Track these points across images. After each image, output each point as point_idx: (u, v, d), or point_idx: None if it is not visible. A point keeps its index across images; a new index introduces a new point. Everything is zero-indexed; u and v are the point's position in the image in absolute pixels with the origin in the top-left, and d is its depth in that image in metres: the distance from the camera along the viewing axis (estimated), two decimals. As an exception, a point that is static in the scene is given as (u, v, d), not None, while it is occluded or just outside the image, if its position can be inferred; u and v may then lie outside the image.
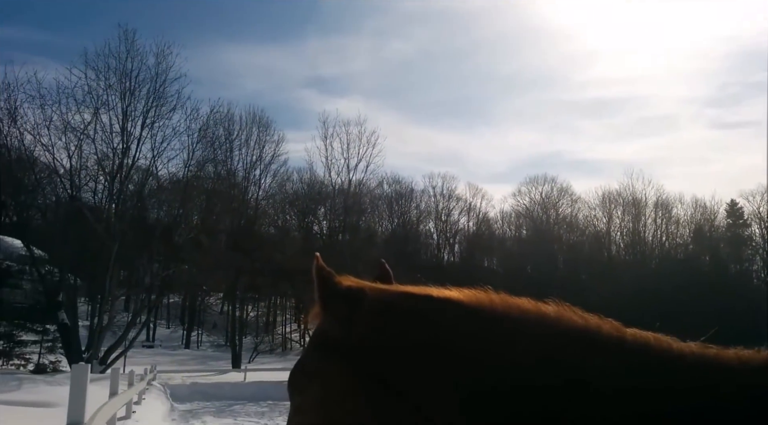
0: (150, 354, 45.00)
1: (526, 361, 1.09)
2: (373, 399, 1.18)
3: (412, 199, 71.95)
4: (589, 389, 1.03)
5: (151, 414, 13.41)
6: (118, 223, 30.53)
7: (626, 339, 1.09)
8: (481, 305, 1.20)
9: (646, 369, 1.04)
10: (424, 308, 1.23)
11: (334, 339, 1.27)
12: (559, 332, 1.12)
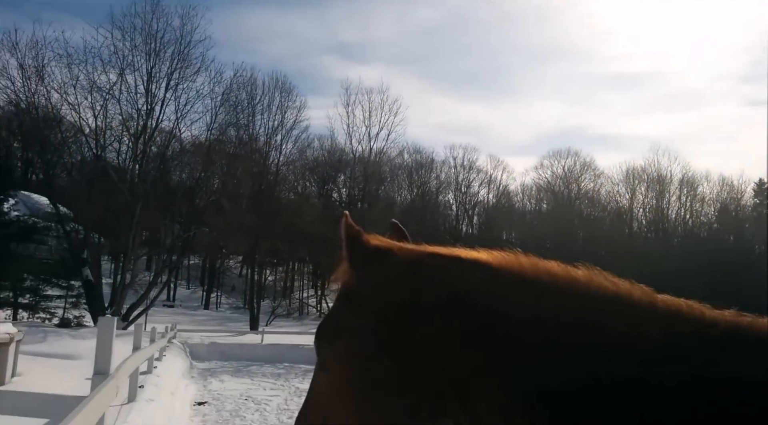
0: (170, 313, 46.08)
1: (553, 324, 1.07)
2: (399, 355, 1.19)
3: (433, 169, 71.63)
4: (619, 354, 1.00)
5: (172, 370, 13.81)
6: (142, 184, 30.98)
7: (658, 305, 1.06)
8: (510, 267, 1.18)
9: (679, 335, 1.00)
10: (452, 268, 1.22)
11: (362, 296, 1.27)
12: (589, 296, 1.09)
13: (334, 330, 1.31)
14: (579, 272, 1.15)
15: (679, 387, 0.95)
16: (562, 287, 1.12)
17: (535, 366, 1.05)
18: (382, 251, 1.30)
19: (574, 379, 1.01)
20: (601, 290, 1.10)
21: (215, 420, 9.33)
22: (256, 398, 12.18)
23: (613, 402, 0.97)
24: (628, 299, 1.08)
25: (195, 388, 13.37)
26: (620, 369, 0.99)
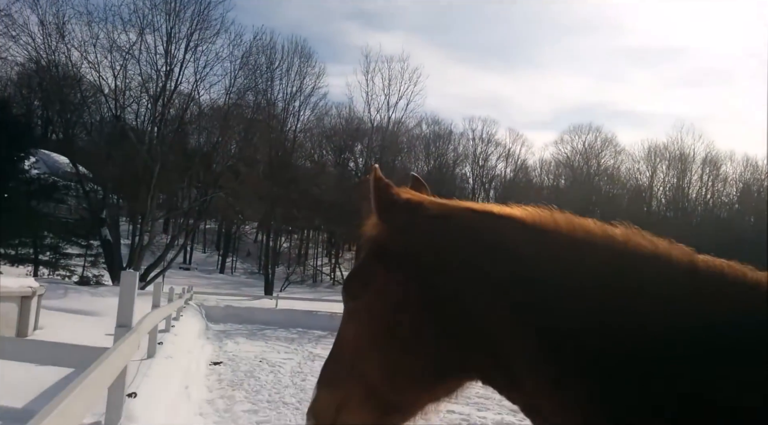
0: (186, 276, 46.84)
1: (587, 279, 1.05)
2: (426, 306, 1.19)
3: (450, 141, 71.05)
4: (656, 312, 0.98)
5: (188, 330, 14.10)
6: (160, 146, 31.15)
7: (698, 265, 1.04)
8: (544, 222, 1.17)
9: (719, 295, 0.98)
10: (484, 223, 1.21)
11: (391, 249, 1.27)
12: (626, 253, 1.07)
13: (363, 282, 1.31)
14: (616, 231, 1.13)
15: (724, 346, 0.93)
16: (597, 243, 1.10)
17: (566, 319, 1.04)
18: (412, 204, 1.29)
19: (606, 335, 1.00)
20: (638, 249, 1.07)
21: (230, 380, 9.55)
22: (271, 360, 12.42)
23: (647, 359, 0.96)
24: (666, 257, 1.05)
25: (211, 348, 13.65)
26: (657, 327, 0.97)
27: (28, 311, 9.97)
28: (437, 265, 1.19)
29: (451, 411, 8.08)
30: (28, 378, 5.65)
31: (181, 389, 7.36)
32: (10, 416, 4.22)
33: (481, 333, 1.13)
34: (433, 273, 1.19)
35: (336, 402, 1.33)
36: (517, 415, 8.38)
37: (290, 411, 7.44)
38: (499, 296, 1.11)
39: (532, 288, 1.08)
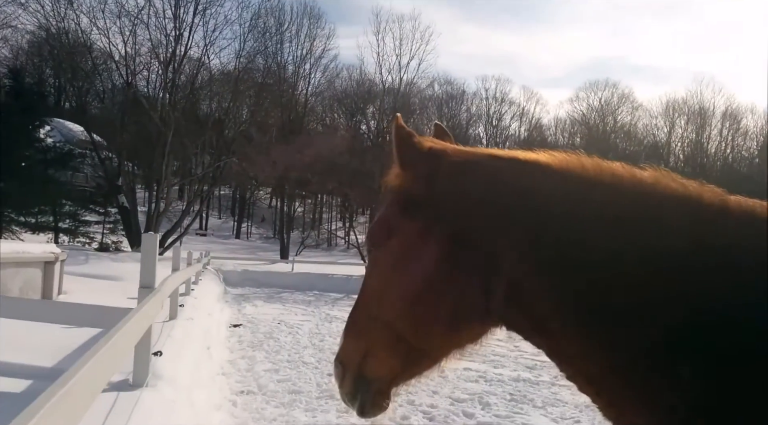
0: (203, 242, 47.46)
1: (614, 222, 1.04)
2: (450, 253, 1.19)
3: (463, 101, 70.11)
4: (686, 253, 0.97)
5: (208, 293, 14.35)
6: (172, 112, 31.16)
7: (729, 206, 1.02)
8: (571, 167, 1.15)
9: (753, 235, 0.96)
10: (509, 168, 1.20)
11: (414, 197, 1.27)
12: (655, 196, 1.05)
13: (386, 231, 1.32)
14: (645, 174, 1.11)
15: (759, 286, 0.91)
16: (626, 187, 1.09)
17: (593, 261, 1.03)
18: (435, 153, 1.28)
19: (635, 278, 0.99)
20: (668, 191, 1.06)
21: (250, 341, 9.76)
22: (289, 322, 12.65)
23: (678, 301, 0.95)
24: (696, 198, 1.04)
25: (230, 312, 13.92)
26: (687, 269, 0.96)
27: (51, 276, 10.20)
28: (461, 212, 1.19)
29: (468, 368, 8.21)
30: (56, 338, 5.83)
31: (203, 349, 7.54)
32: (41, 375, 4.37)
33: (506, 278, 1.13)
34: (457, 220, 1.20)
35: (362, 349, 1.36)
36: (533, 371, 8.50)
37: (310, 371, 7.62)
38: (524, 240, 1.11)
39: (559, 232, 1.08)
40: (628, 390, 0.99)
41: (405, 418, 5.65)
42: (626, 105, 72.81)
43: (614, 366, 1.00)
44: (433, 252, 1.22)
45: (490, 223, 1.16)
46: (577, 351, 1.06)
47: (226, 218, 69.72)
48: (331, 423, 5.38)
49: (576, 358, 1.08)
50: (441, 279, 1.21)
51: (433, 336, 1.27)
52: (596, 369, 1.04)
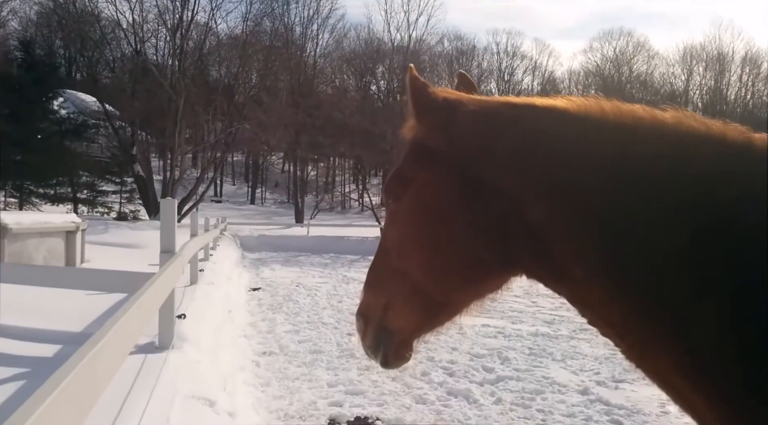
0: (218, 208, 47.90)
1: (636, 165, 1.02)
2: (469, 201, 1.18)
3: (474, 57, 68.72)
4: (711, 193, 0.95)
5: (226, 258, 14.57)
6: (182, 79, 31.02)
7: (754, 142, 0.99)
8: (590, 111, 1.12)
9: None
10: (526, 115, 1.18)
11: (431, 148, 1.26)
12: (677, 136, 1.03)
13: (403, 183, 1.31)
14: (666, 115, 1.08)
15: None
16: (647, 128, 1.06)
17: (616, 205, 1.01)
18: (451, 103, 1.26)
19: (660, 218, 0.97)
20: (690, 130, 1.03)
21: (270, 304, 9.93)
22: (306, 284, 12.83)
23: (705, 238, 0.93)
24: (720, 137, 1.00)
25: (248, 276, 14.14)
26: (712, 207, 0.94)
27: (73, 245, 10.39)
28: (479, 161, 1.18)
29: (486, 325, 8.30)
30: (82, 305, 5.98)
31: (225, 313, 7.69)
32: (70, 339, 4.50)
33: (526, 226, 1.12)
34: (475, 170, 1.18)
35: (383, 302, 1.37)
36: (551, 326, 8.59)
37: (329, 331, 7.75)
38: (544, 186, 1.09)
39: (580, 176, 1.06)
40: (650, 332, 0.99)
41: (425, 374, 5.76)
42: (642, 54, 70.95)
43: (636, 309, 1.00)
44: (451, 203, 1.21)
45: (508, 170, 1.14)
46: (599, 296, 1.06)
47: (240, 185, 70.06)
48: (352, 380, 5.50)
49: (598, 303, 1.07)
50: (460, 230, 1.20)
51: (454, 286, 1.27)
52: (618, 313, 1.03)
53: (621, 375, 5.98)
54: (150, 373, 3.57)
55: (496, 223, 1.15)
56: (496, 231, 1.16)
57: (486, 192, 1.16)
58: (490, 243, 1.18)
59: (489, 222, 1.16)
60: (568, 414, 4.77)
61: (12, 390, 3.16)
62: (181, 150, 32.13)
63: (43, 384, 1.28)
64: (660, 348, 0.98)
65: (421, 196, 1.26)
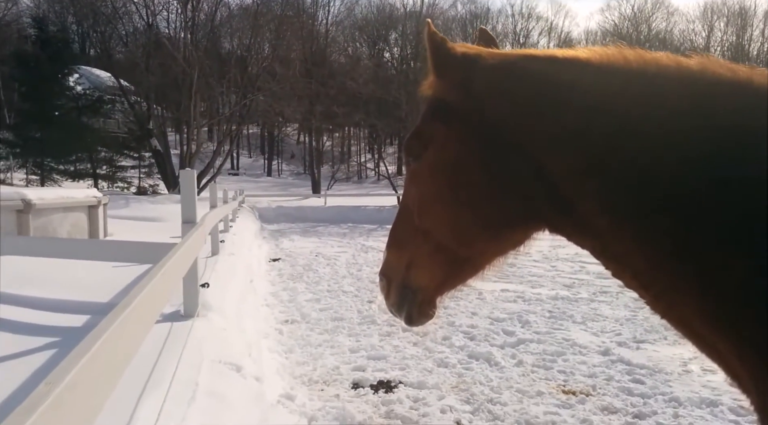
0: (236, 181, 48.19)
1: (661, 114, 1.00)
2: (489, 159, 1.17)
3: (488, 20, 67.30)
4: (737, 140, 0.92)
5: (245, 230, 14.71)
6: (195, 51, 30.89)
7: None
8: (612, 61, 1.09)
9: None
10: (547, 68, 1.15)
11: (451, 105, 1.24)
12: (702, 83, 1.00)
13: (423, 141, 1.30)
14: (691, 62, 1.04)
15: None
16: (672, 75, 1.03)
17: (642, 157, 1.00)
18: (469, 58, 1.24)
19: (684, 167, 0.95)
20: (716, 76, 1.00)
21: (290, 274, 10.04)
22: (326, 254, 12.94)
23: (732, 186, 0.91)
24: (746, 83, 0.98)
25: (268, 247, 14.29)
26: (737, 153, 0.92)
27: (96, 219, 10.57)
28: (499, 116, 1.16)
29: (506, 289, 8.32)
30: (108, 277, 6.11)
31: (247, 282, 7.80)
32: (98, 309, 4.61)
33: (548, 180, 1.11)
34: (495, 125, 1.16)
35: (405, 261, 1.38)
36: (571, 289, 8.58)
37: (350, 299, 7.83)
38: (568, 139, 1.07)
39: (604, 127, 1.04)
40: (676, 280, 0.98)
41: (446, 338, 5.81)
42: (661, 11, 68.88)
43: (662, 258, 0.99)
44: (472, 159, 1.20)
45: (529, 124, 1.12)
46: (624, 247, 1.05)
47: (256, 157, 70.33)
48: (374, 346, 5.57)
49: (623, 254, 1.07)
50: (481, 186, 1.19)
51: (476, 243, 1.27)
52: (644, 263, 1.03)
53: (642, 335, 5.98)
54: (177, 340, 3.65)
55: (518, 178, 1.14)
56: (518, 186, 1.15)
57: (507, 147, 1.15)
58: (512, 199, 1.17)
59: (511, 177, 1.15)
60: (590, 375, 4.80)
61: (45, 358, 3.27)
62: (196, 123, 32.21)
63: (78, 345, 1.31)
64: (686, 295, 0.98)
65: (441, 153, 1.25)
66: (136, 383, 2.78)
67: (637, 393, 4.38)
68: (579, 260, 11.65)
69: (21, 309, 4.57)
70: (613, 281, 8.09)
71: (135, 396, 2.61)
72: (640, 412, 4.04)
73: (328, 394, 4.37)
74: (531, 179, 1.13)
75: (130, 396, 2.60)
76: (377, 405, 4.17)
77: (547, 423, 3.87)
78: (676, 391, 4.40)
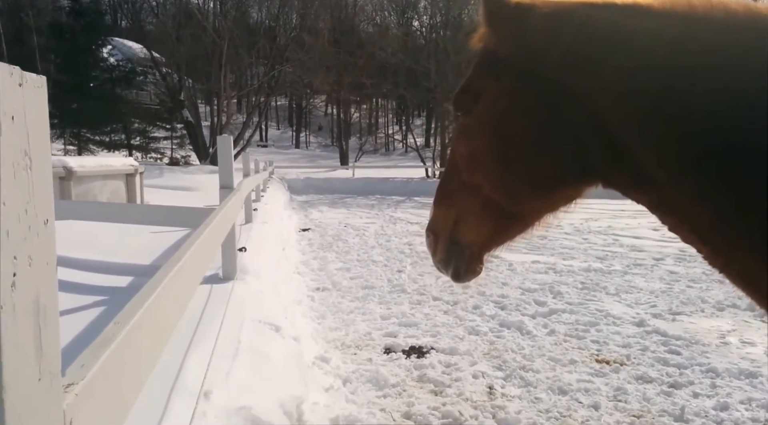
0: (264, 153, 48.55)
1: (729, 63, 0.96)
2: (544, 110, 1.15)
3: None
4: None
5: (276, 200, 14.88)
6: (225, 20, 30.90)
7: None
8: (676, 7, 1.05)
9: None
10: (606, 15, 1.10)
11: (503, 57, 1.21)
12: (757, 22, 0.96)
13: (473, 95, 1.27)
14: (761, 6, 1.00)
15: None
16: (740, 23, 0.99)
17: (706, 111, 0.96)
18: (523, 7, 1.20)
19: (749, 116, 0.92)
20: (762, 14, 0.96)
21: (320, 243, 10.15)
22: (354, 225, 13.03)
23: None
24: None
25: (297, 217, 14.44)
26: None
27: (134, 187, 10.82)
28: (554, 66, 1.12)
29: (536, 261, 8.28)
30: (149, 241, 6.28)
31: (279, 250, 7.92)
32: (141, 271, 4.76)
33: (606, 133, 1.08)
34: (550, 76, 1.13)
35: (453, 216, 1.37)
36: (604, 261, 8.48)
37: (380, 268, 7.90)
38: (627, 89, 1.04)
39: (666, 77, 1.00)
40: (737, 233, 0.96)
41: (477, 307, 5.84)
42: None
43: (723, 210, 0.97)
44: (524, 112, 1.17)
45: (586, 75, 1.09)
46: (683, 199, 1.03)
47: (284, 129, 70.63)
48: (405, 313, 5.63)
49: (682, 206, 1.04)
50: (534, 140, 1.17)
51: (526, 198, 1.25)
52: (703, 215, 1.01)
53: (678, 307, 5.91)
54: (219, 300, 3.76)
55: (572, 131, 1.12)
56: (573, 140, 1.13)
57: (562, 98, 1.12)
58: (566, 153, 1.15)
59: (565, 131, 1.13)
60: (624, 345, 4.77)
61: (96, 314, 3.41)
62: (226, 95, 32.43)
63: (139, 292, 1.36)
64: (747, 248, 0.96)
65: (492, 107, 1.23)
66: (182, 338, 2.88)
67: (673, 363, 4.35)
68: (612, 233, 11.48)
69: (69, 270, 4.74)
70: (647, 254, 7.99)
71: (183, 350, 2.71)
72: (676, 382, 4.02)
73: (361, 358, 4.45)
74: (587, 131, 1.10)
75: (179, 349, 2.70)
76: (410, 369, 4.24)
77: (580, 390, 3.88)
78: (713, 362, 4.35)
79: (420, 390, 3.90)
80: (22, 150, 0.69)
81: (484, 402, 3.70)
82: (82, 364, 0.91)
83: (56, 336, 0.74)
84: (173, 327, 1.57)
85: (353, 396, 3.70)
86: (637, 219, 13.36)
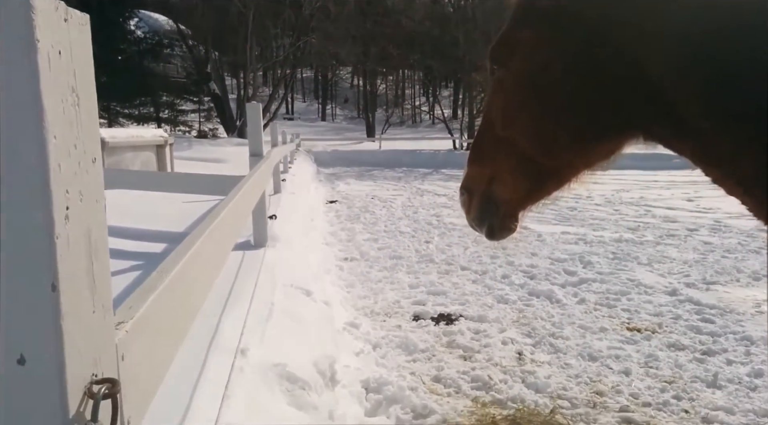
0: (291, 126, 48.65)
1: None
2: (584, 63, 1.11)
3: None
4: None
5: (303, 172, 14.97)
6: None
7: None
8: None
9: None
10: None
11: (540, 7, 1.18)
12: None
13: (509, 48, 1.24)
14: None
15: None
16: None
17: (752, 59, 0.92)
18: None
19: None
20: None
21: (347, 215, 10.20)
22: (381, 197, 13.04)
23: None
24: None
25: (324, 189, 14.51)
26: None
27: (164, 158, 10.99)
28: (595, 18, 1.09)
29: (566, 232, 8.19)
30: (181, 209, 6.41)
31: (308, 220, 7.99)
32: (174, 238, 4.86)
33: (648, 85, 1.04)
34: (590, 25, 1.09)
35: (488, 174, 1.35)
36: (636, 232, 8.34)
37: (407, 239, 7.91)
38: (668, 37, 1.00)
39: (712, 22, 0.96)
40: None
41: (505, 277, 5.82)
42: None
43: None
44: (563, 65, 1.14)
45: (629, 21, 1.05)
46: (729, 149, 0.99)
47: (310, 102, 70.55)
48: (433, 282, 5.65)
49: (728, 157, 1.01)
50: (573, 94, 1.14)
51: (564, 153, 1.22)
52: (749, 166, 0.97)
53: (712, 277, 5.80)
54: (251, 265, 3.83)
55: (614, 84, 1.08)
56: (614, 93, 1.09)
57: (603, 48, 1.08)
58: (607, 106, 1.11)
59: (606, 84, 1.09)
60: (656, 314, 4.72)
61: (131, 278, 3.50)
62: (252, 67, 32.43)
63: (179, 245, 1.39)
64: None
65: (529, 59, 1.19)
66: (218, 300, 2.95)
67: (706, 331, 4.30)
68: (644, 204, 11.27)
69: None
70: (681, 225, 7.83)
71: (218, 311, 2.78)
72: (710, 349, 3.97)
73: (390, 324, 4.50)
74: (628, 82, 1.06)
75: (214, 310, 2.77)
76: (439, 335, 4.27)
77: (610, 356, 3.87)
78: (748, 330, 4.28)
79: (449, 355, 3.93)
80: (70, 86, 0.69)
81: (513, 367, 3.72)
82: (130, 306, 0.93)
83: (107, 272, 0.76)
84: (211, 283, 1.60)
85: (383, 360, 3.75)
86: (671, 190, 13.07)
